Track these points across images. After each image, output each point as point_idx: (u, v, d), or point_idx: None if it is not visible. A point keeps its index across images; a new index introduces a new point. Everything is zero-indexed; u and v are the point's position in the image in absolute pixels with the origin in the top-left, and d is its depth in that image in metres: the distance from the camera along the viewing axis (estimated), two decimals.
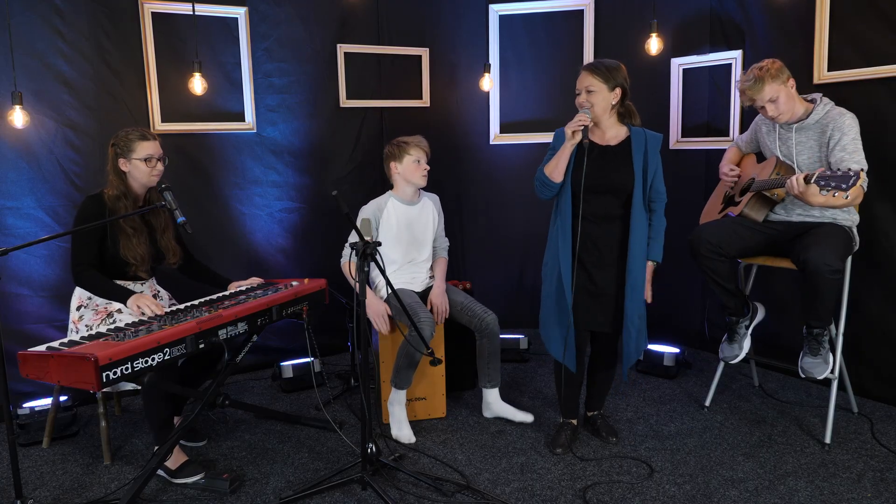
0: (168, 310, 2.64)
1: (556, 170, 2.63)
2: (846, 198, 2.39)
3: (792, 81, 2.74)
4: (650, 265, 2.70)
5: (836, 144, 2.67)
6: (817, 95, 2.80)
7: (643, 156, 2.65)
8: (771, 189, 2.78)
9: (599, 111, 2.63)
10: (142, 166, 2.69)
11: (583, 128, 2.54)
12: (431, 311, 3.03)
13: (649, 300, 2.70)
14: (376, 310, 2.99)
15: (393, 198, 3.16)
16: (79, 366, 2.07)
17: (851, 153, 2.65)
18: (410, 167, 3.10)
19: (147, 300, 2.60)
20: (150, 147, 2.71)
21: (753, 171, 3.02)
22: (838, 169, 2.45)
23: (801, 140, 2.79)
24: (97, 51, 3.38)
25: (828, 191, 2.42)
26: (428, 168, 3.13)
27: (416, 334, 2.74)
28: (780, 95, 2.72)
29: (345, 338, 3.93)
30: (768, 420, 3.06)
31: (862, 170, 2.47)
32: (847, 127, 2.67)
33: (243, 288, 2.96)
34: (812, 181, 2.47)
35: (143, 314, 2.56)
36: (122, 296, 2.62)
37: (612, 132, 2.69)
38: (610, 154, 2.65)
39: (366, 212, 3.13)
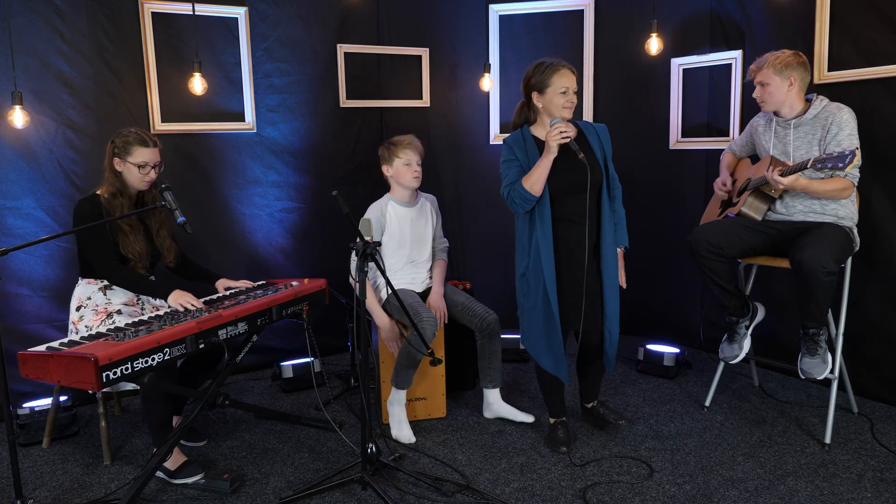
0: (168, 310, 2.65)
1: (537, 183, 2.55)
2: (844, 175, 2.44)
3: (794, 81, 2.75)
4: (620, 251, 2.76)
5: (833, 139, 2.70)
6: (812, 95, 2.82)
7: (600, 147, 2.69)
8: (767, 184, 2.79)
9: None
10: (134, 171, 2.68)
11: (571, 138, 2.50)
12: None
13: (624, 285, 2.76)
14: (387, 334, 3.00)
15: (392, 201, 3.15)
16: (79, 366, 2.08)
17: (845, 149, 2.66)
18: (401, 170, 3.07)
19: (189, 297, 2.64)
20: (147, 154, 2.69)
21: (749, 173, 3.02)
22: (833, 151, 2.53)
23: (798, 136, 2.80)
24: (97, 51, 3.38)
25: (826, 171, 2.49)
26: (419, 169, 3.09)
27: (417, 335, 2.74)
28: (771, 83, 2.78)
29: (345, 338, 3.93)
30: (768, 420, 3.06)
31: (857, 148, 2.54)
32: (844, 122, 2.69)
33: (235, 289, 2.96)
34: (809, 165, 2.54)
35: (184, 309, 2.60)
36: (164, 291, 2.66)
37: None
38: (573, 152, 2.58)
39: (370, 216, 3.09)
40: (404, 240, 3.13)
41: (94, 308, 2.70)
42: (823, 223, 2.74)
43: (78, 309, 2.72)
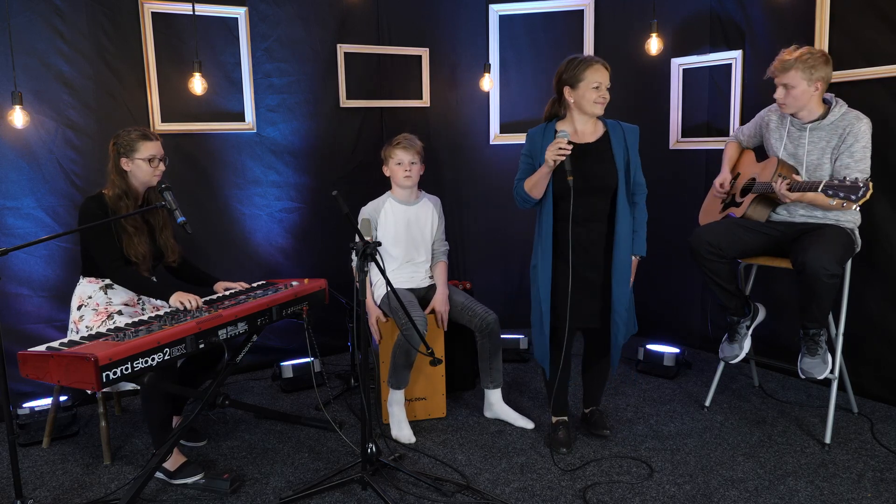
0: (168, 310, 2.65)
1: (535, 188, 2.61)
2: (855, 208, 2.39)
3: (820, 85, 2.68)
4: (635, 259, 2.71)
5: (847, 149, 2.65)
6: (830, 96, 2.77)
7: (623, 150, 2.62)
8: (773, 192, 2.76)
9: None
10: (144, 166, 2.70)
11: (566, 156, 2.48)
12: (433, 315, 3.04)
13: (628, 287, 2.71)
14: (371, 319, 3.01)
15: (391, 198, 3.19)
16: (79, 366, 2.08)
17: (858, 161, 2.64)
18: (394, 169, 3.13)
19: (190, 296, 2.65)
20: (153, 147, 2.72)
21: (753, 171, 3.00)
22: (846, 178, 2.42)
23: (812, 140, 2.75)
24: (97, 51, 3.38)
25: (836, 200, 2.41)
26: (410, 168, 3.10)
27: (415, 333, 2.74)
28: (797, 87, 2.67)
29: (345, 338, 3.93)
30: (768, 420, 3.06)
31: (868, 179, 2.46)
32: (861, 134, 2.65)
33: (231, 291, 2.95)
34: (819, 189, 2.46)
35: (184, 307, 2.62)
36: (164, 292, 2.67)
37: (591, 128, 2.67)
38: (591, 152, 2.61)
39: (365, 212, 3.17)
40: (399, 237, 3.14)
41: (95, 308, 2.70)
42: (825, 224, 2.73)
43: (79, 308, 2.73)
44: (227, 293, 2.91)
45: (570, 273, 2.61)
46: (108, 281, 2.73)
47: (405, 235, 3.15)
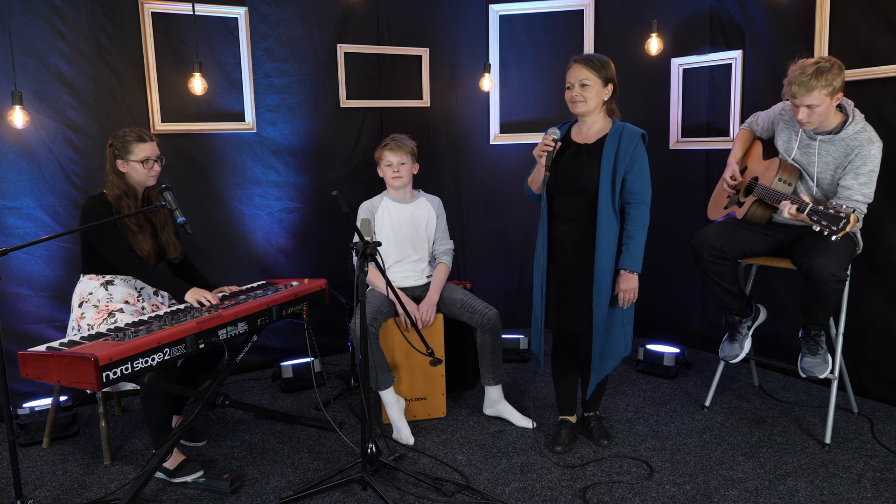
0: (168, 309, 2.65)
1: (533, 183, 2.71)
2: (834, 238, 2.37)
3: (840, 96, 2.59)
4: (626, 274, 2.54)
5: (853, 170, 2.61)
6: (849, 105, 2.67)
7: (614, 153, 2.53)
8: (773, 200, 2.74)
9: (591, 107, 2.57)
10: (139, 167, 2.70)
11: (547, 153, 2.52)
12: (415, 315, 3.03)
13: (624, 305, 2.57)
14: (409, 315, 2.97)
15: (386, 196, 3.22)
16: (79, 366, 2.08)
17: (862, 184, 2.60)
18: (384, 171, 3.16)
19: (206, 293, 2.68)
20: (147, 149, 2.71)
21: (757, 169, 2.98)
22: (832, 207, 2.38)
23: (822, 152, 2.71)
24: (97, 51, 3.38)
25: (819, 227, 2.39)
26: (400, 169, 3.10)
27: (419, 337, 2.75)
28: (821, 105, 2.54)
29: (345, 338, 3.93)
30: (768, 420, 3.06)
31: (853, 211, 2.41)
32: (871, 157, 2.59)
33: (225, 294, 2.94)
34: (805, 212, 2.44)
35: (200, 305, 2.65)
36: (180, 289, 2.69)
37: (597, 128, 2.64)
38: (583, 153, 2.61)
39: (363, 211, 3.18)
40: (392, 234, 3.15)
41: (96, 304, 2.70)
42: None
43: (80, 305, 2.73)
44: (228, 293, 2.90)
45: (545, 271, 2.66)
46: (108, 278, 2.74)
47: (399, 233, 3.16)
